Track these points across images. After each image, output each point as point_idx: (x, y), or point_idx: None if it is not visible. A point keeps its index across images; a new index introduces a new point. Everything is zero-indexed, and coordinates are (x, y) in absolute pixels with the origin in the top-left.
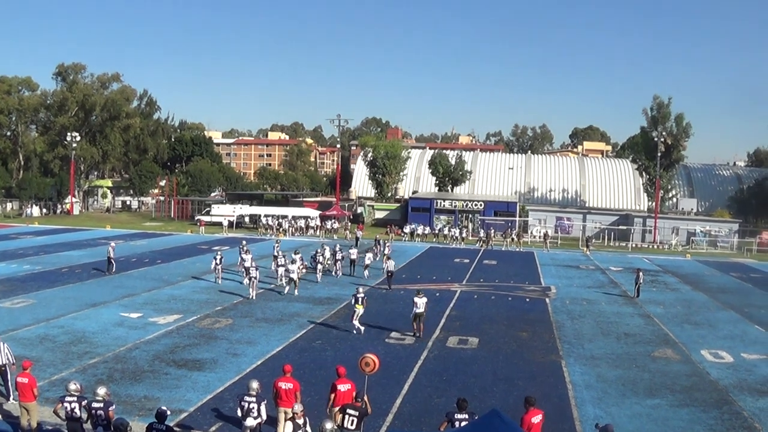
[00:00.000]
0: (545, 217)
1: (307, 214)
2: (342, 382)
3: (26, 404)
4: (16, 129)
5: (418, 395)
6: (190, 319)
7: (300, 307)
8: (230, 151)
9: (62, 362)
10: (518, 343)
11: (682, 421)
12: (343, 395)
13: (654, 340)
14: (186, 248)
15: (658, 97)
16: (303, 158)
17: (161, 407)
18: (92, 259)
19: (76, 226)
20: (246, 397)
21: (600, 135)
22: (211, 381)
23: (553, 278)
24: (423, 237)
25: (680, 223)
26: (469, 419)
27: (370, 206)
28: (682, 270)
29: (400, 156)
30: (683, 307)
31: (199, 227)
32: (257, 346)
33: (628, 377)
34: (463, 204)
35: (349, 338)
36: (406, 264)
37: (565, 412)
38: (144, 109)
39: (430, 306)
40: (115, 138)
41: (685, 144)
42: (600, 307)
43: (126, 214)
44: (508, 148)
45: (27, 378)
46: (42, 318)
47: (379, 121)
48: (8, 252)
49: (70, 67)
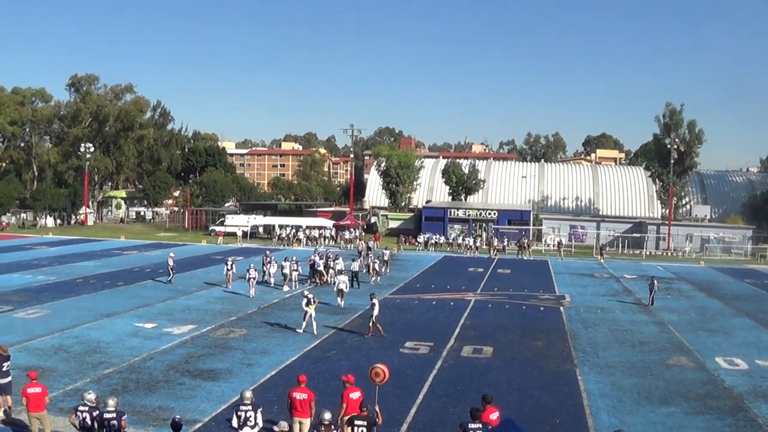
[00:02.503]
0: (559, 226)
1: (320, 224)
2: (353, 391)
3: (38, 414)
4: (30, 140)
5: (432, 405)
6: (205, 329)
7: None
8: (244, 162)
9: (77, 372)
10: (533, 352)
11: (697, 429)
12: (354, 404)
13: (668, 348)
14: (200, 258)
15: (671, 104)
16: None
17: (176, 417)
18: (107, 270)
19: (91, 236)
20: (241, 406)
21: (613, 143)
22: (225, 391)
23: (568, 287)
24: (437, 246)
25: (694, 230)
26: (483, 429)
27: (384, 216)
28: (696, 277)
29: (414, 165)
30: (697, 315)
31: (218, 237)
32: (272, 356)
33: (643, 385)
34: (477, 213)
35: (363, 348)
36: (420, 273)
37: (580, 421)
38: (157, 119)
39: (444, 315)
40: (129, 149)
41: (698, 150)
42: (614, 316)
43: (140, 225)
44: (522, 156)
45: (39, 387)
46: (56, 328)
47: (392, 131)
48: (23, 263)
49: (83, 78)
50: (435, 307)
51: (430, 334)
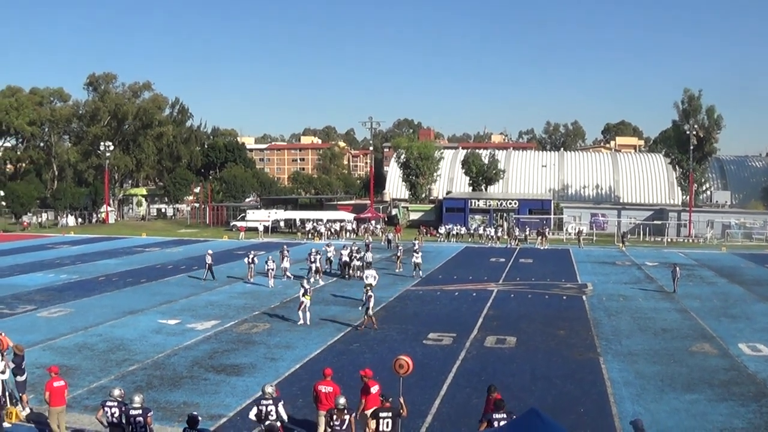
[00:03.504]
0: (580, 214)
1: (341, 217)
2: (371, 385)
3: (60, 408)
4: (49, 140)
5: (456, 396)
6: (228, 325)
7: (337, 310)
8: (263, 157)
9: (101, 370)
10: (556, 341)
11: (721, 415)
12: (374, 397)
13: (691, 335)
14: (222, 254)
15: (689, 90)
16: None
17: (192, 413)
18: (129, 267)
19: (112, 234)
20: (262, 401)
21: (632, 130)
22: (249, 385)
23: (590, 275)
24: (458, 237)
25: (715, 216)
26: (507, 419)
27: (405, 208)
28: (718, 263)
29: (433, 157)
30: (720, 301)
31: (239, 232)
32: (295, 350)
33: (667, 373)
34: (498, 203)
35: (386, 340)
36: (441, 265)
37: (605, 409)
38: (176, 116)
39: (467, 306)
40: (149, 146)
41: (717, 136)
42: (637, 303)
43: (161, 222)
44: (541, 145)
45: (62, 381)
46: (80, 326)
47: (411, 123)
48: (45, 262)
49: (101, 77)
50: (457, 298)
51: (453, 325)
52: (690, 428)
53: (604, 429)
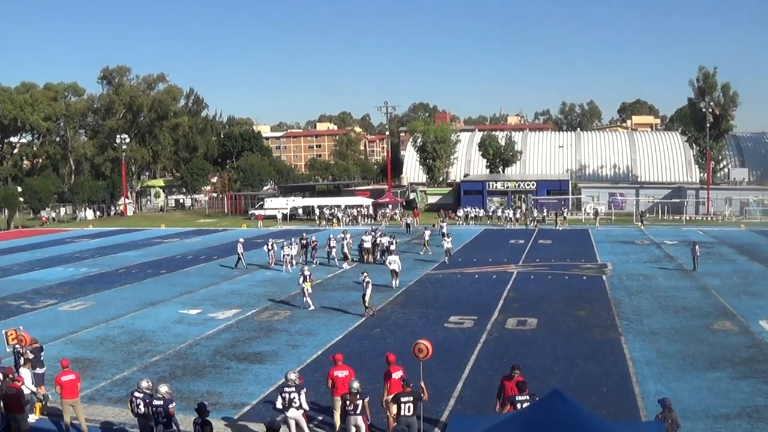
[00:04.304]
0: (598, 194)
1: (359, 202)
2: (395, 370)
3: (73, 401)
4: (65, 134)
5: (478, 379)
6: (249, 313)
7: (357, 295)
8: (280, 145)
9: (123, 362)
10: (577, 322)
11: (743, 393)
12: (396, 383)
13: (712, 313)
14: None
15: (704, 68)
16: (352, 147)
17: (202, 401)
18: (148, 259)
19: (131, 226)
20: (285, 388)
21: (648, 108)
22: (272, 373)
23: (609, 255)
24: (477, 220)
25: (733, 193)
26: (530, 401)
27: (423, 192)
28: (737, 241)
29: (450, 140)
30: (740, 278)
31: (257, 221)
32: (317, 337)
33: (688, 351)
34: (516, 184)
35: (408, 325)
36: (461, 248)
37: (627, 389)
38: (191, 107)
39: (487, 288)
40: (165, 138)
41: (733, 113)
42: (657, 282)
43: (180, 213)
44: (557, 126)
45: (73, 374)
46: (101, 319)
47: (427, 106)
48: (65, 256)
49: (114, 71)
50: (477, 281)
51: (473, 308)
52: (713, 406)
53: (627, 408)
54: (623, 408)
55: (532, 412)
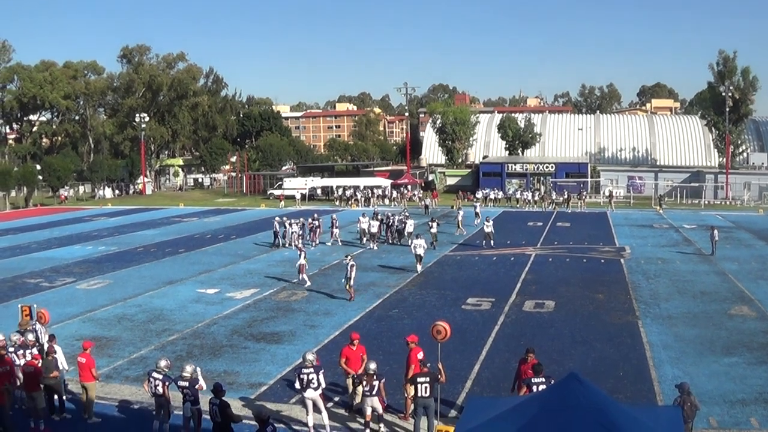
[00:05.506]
0: (617, 177)
1: (378, 183)
2: (417, 351)
3: (86, 384)
4: (84, 113)
5: (496, 360)
6: (267, 293)
7: (375, 276)
8: (299, 125)
9: (141, 340)
10: (595, 305)
11: (760, 378)
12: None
13: (730, 298)
14: (259, 223)
15: (724, 52)
16: (372, 128)
17: (218, 381)
18: (167, 238)
19: (149, 205)
20: (303, 369)
21: (668, 92)
22: (289, 353)
23: (627, 238)
24: (495, 201)
25: (752, 177)
26: (546, 383)
27: (442, 173)
28: (756, 226)
29: (469, 121)
30: (758, 263)
31: (279, 201)
32: (334, 317)
33: (706, 336)
34: (535, 167)
35: (425, 306)
36: (479, 230)
37: (644, 373)
38: (211, 86)
39: (505, 270)
40: (184, 117)
41: (753, 98)
42: (675, 266)
43: (198, 192)
44: (577, 108)
45: (85, 358)
46: (119, 298)
47: (446, 88)
48: (83, 234)
49: (134, 49)
50: (495, 263)
51: (491, 290)
52: (729, 391)
53: (644, 392)
54: (640, 392)
55: (550, 394)
